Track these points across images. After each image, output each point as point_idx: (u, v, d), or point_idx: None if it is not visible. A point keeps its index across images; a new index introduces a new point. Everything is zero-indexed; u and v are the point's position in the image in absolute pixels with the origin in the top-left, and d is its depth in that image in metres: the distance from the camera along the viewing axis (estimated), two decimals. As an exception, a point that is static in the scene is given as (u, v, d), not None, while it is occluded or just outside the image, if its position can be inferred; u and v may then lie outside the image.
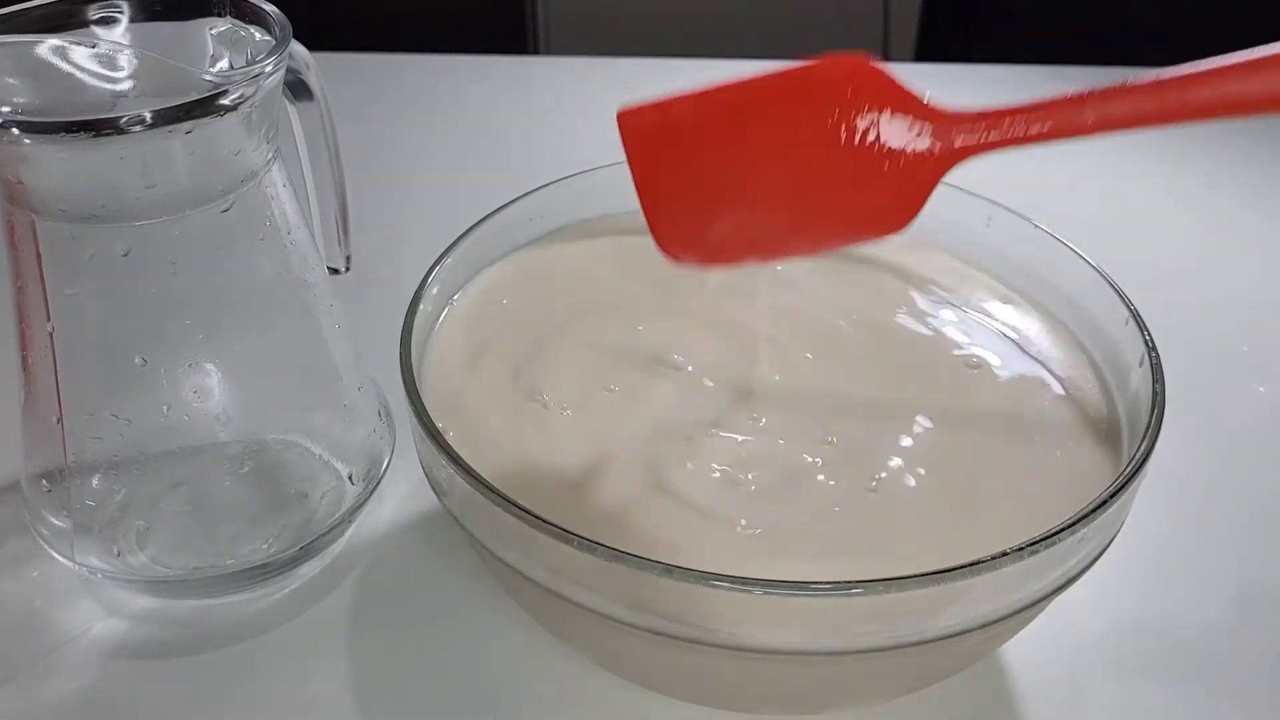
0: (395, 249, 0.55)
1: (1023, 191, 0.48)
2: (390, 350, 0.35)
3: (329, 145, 0.39)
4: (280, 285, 0.37)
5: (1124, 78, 0.31)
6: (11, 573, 0.40)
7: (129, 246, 0.33)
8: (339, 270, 0.42)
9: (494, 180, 0.58)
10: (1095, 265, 0.38)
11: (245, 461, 0.38)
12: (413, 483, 0.43)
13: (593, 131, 0.72)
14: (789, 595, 0.28)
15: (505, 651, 0.38)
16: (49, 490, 0.37)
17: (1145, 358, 0.35)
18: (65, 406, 0.35)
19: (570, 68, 0.83)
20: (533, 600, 0.33)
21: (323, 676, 0.37)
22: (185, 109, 0.30)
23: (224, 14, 0.34)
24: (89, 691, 0.36)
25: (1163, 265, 0.59)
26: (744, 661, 0.29)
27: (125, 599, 0.39)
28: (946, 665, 0.33)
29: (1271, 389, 0.50)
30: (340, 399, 0.39)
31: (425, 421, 0.32)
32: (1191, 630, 0.39)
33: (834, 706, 0.35)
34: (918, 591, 0.28)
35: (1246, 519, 0.44)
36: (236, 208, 0.34)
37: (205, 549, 0.38)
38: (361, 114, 0.72)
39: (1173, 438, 0.34)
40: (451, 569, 0.40)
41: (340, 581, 0.40)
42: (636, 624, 0.29)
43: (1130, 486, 0.30)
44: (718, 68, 0.37)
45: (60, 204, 0.32)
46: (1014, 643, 0.36)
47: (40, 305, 0.34)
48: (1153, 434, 0.32)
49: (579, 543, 0.28)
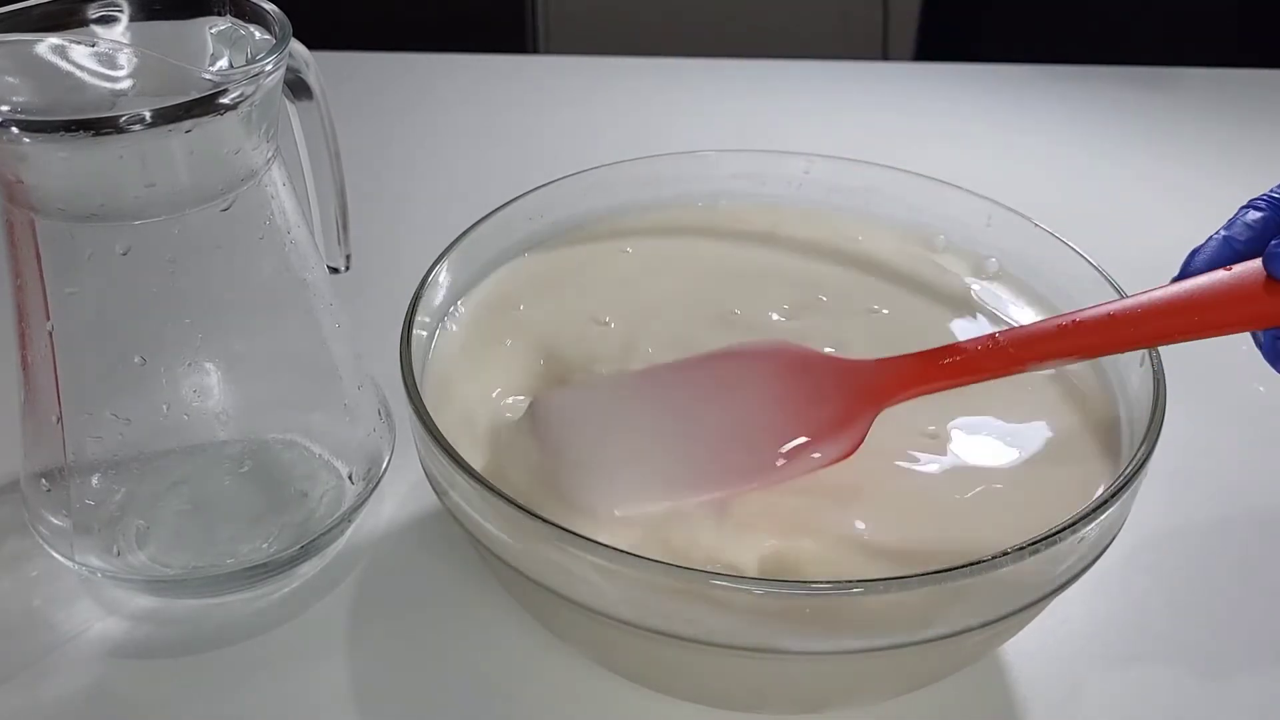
0: (395, 248, 0.55)
1: (1023, 191, 0.48)
2: (390, 349, 0.35)
3: (329, 144, 0.39)
4: (280, 284, 0.37)
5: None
6: (11, 572, 0.40)
7: (128, 245, 0.33)
8: (339, 269, 0.42)
9: (494, 179, 0.58)
10: (1095, 264, 0.38)
11: (245, 461, 0.38)
12: (412, 482, 0.43)
13: (592, 131, 0.72)
14: (789, 595, 0.28)
15: (505, 651, 0.38)
16: (48, 489, 0.37)
17: (1145, 357, 0.35)
18: (65, 406, 0.35)
19: (570, 67, 0.83)
20: (532, 600, 0.33)
21: (322, 675, 0.37)
22: (185, 108, 0.30)
23: (224, 13, 0.34)
24: (88, 691, 0.36)
25: (1163, 265, 0.59)
26: (744, 661, 0.29)
27: (125, 598, 0.39)
28: (946, 665, 0.33)
29: (1271, 389, 0.50)
30: (340, 398, 0.39)
31: (425, 420, 0.32)
32: (1191, 630, 0.39)
33: (834, 706, 0.35)
34: (918, 591, 0.28)
35: (1246, 519, 0.44)
36: (236, 207, 0.34)
37: (205, 548, 0.38)
38: (361, 113, 0.72)
39: (1173, 438, 0.34)
40: (451, 568, 0.40)
41: (340, 581, 0.40)
42: (636, 624, 0.29)
43: (1130, 486, 0.30)
44: (718, 67, 0.37)
45: (60, 203, 0.32)
46: (1014, 643, 0.36)
47: (40, 304, 0.34)
48: (1153, 434, 0.32)
49: (580, 543, 0.28)
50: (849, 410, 0.33)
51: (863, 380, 0.34)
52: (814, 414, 0.33)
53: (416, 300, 0.37)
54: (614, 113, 0.74)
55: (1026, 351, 0.33)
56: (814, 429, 0.33)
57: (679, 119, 0.73)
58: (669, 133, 0.71)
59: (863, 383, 0.34)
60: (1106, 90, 0.78)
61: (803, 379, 0.34)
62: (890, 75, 0.87)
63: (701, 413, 0.34)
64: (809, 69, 0.82)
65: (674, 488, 0.32)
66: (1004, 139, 0.72)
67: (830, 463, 0.32)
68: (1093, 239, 0.41)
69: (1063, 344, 0.33)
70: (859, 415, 0.33)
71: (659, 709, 0.35)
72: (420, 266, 0.38)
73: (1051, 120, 0.74)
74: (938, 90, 0.78)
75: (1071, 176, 0.67)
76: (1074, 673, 0.37)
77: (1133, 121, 0.74)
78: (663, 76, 0.80)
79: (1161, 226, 0.63)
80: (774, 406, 0.33)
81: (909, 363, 0.34)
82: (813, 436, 0.32)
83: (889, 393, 0.33)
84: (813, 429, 0.33)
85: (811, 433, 0.33)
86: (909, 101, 0.77)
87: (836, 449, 0.32)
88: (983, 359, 0.33)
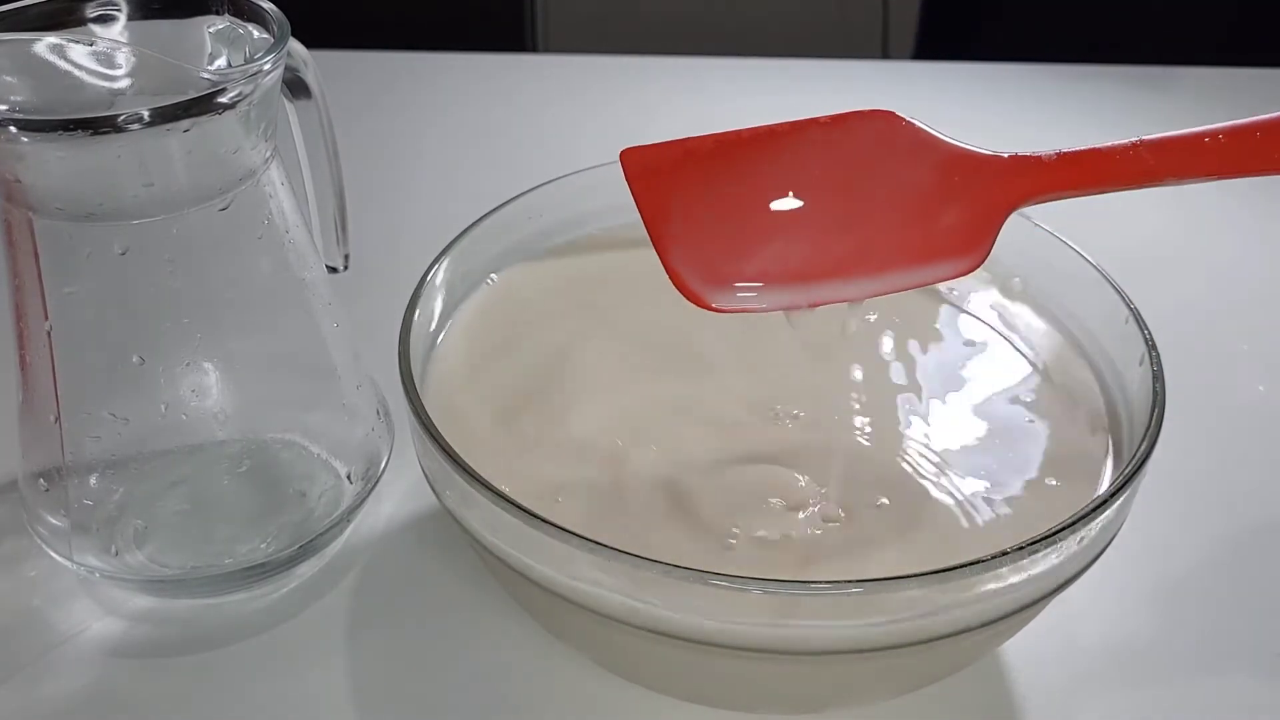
0: (394, 247, 0.55)
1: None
2: (389, 349, 0.35)
3: (327, 143, 0.39)
4: (279, 284, 0.37)
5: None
6: (9, 572, 0.40)
7: (127, 245, 0.33)
8: (337, 269, 0.42)
9: (493, 178, 0.58)
10: (1095, 264, 0.38)
11: (243, 460, 0.38)
12: (411, 482, 0.43)
13: (592, 129, 0.72)
14: (788, 595, 0.28)
15: (504, 651, 0.37)
16: (47, 489, 0.37)
17: (1145, 357, 0.35)
18: (63, 405, 0.35)
19: (569, 66, 0.83)
20: (532, 600, 0.33)
21: (321, 676, 0.37)
22: (183, 107, 0.30)
23: (222, 12, 0.34)
24: (86, 691, 0.36)
25: (1163, 264, 0.59)
26: (744, 661, 0.29)
27: (123, 598, 0.39)
28: (946, 665, 0.33)
29: (1272, 389, 0.50)
30: (339, 398, 0.39)
31: (424, 420, 0.32)
32: (1191, 631, 0.39)
33: (834, 706, 0.35)
34: (918, 591, 0.28)
35: (1246, 519, 0.44)
36: (235, 206, 0.34)
37: (203, 548, 0.38)
38: (360, 112, 0.72)
39: (1173, 438, 0.34)
40: (450, 568, 0.40)
41: (338, 581, 0.40)
42: (636, 624, 0.29)
43: (1130, 487, 0.30)
44: (718, 66, 0.37)
45: (58, 202, 0.32)
46: (1014, 643, 0.36)
47: (38, 304, 0.34)
48: (1153, 434, 0.32)
49: (579, 542, 0.28)
50: (976, 211, 0.30)
51: (991, 176, 0.31)
52: (938, 214, 0.30)
53: (415, 299, 0.36)
54: (614, 111, 0.74)
55: (1165, 162, 0.31)
56: (939, 233, 0.30)
57: (679, 118, 0.73)
58: (669, 131, 0.70)
59: (991, 179, 0.31)
60: (1106, 90, 0.78)
61: (926, 166, 0.31)
62: (890, 75, 0.87)
63: (811, 200, 0.31)
64: (809, 68, 0.82)
65: (779, 290, 0.30)
66: (1004, 138, 0.71)
67: (958, 274, 0.30)
68: (1093, 239, 0.41)
69: (1204, 159, 0.31)
70: (988, 219, 0.30)
71: (658, 709, 0.35)
72: (419, 266, 0.38)
73: (1051, 120, 0.74)
74: (937, 89, 0.78)
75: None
76: (1073, 673, 0.37)
77: (1133, 121, 0.74)
78: (662, 75, 0.80)
79: (1161, 226, 0.63)
80: (893, 198, 0.31)
81: (1043, 162, 0.32)
82: (937, 242, 0.30)
83: (1021, 193, 0.31)
84: (937, 232, 0.30)
85: (936, 237, 0.30)
86: (909, 101, 0.77)
87: (965, 263, 0.30)
88: (1120, 164, 0.31)
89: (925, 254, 0.30)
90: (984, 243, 0.30)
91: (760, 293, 0.30)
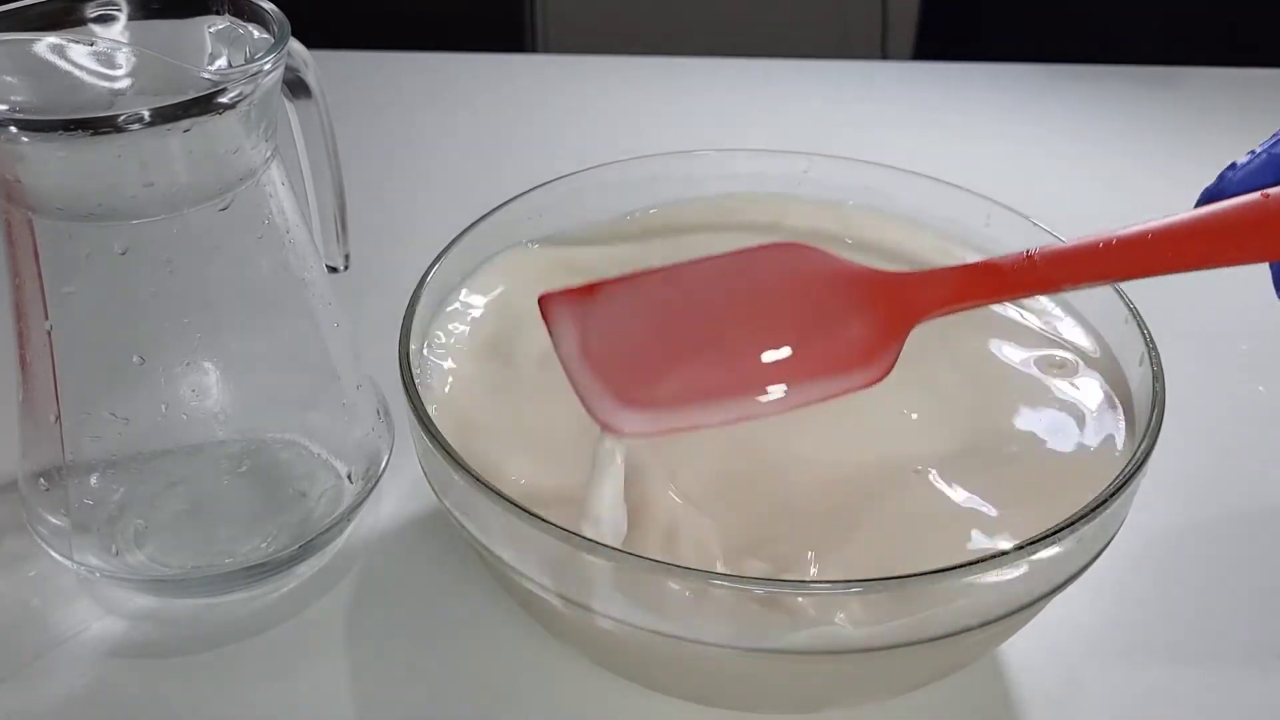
0: (394, 247, 0.55)
1: (1022, 190, 0.48)
2: (389, 348, 0.35)
3: (327, 143, 0.39)
4: (279, 284, 0.37)
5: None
6: (9, 572, 0.40)
7: (127, 245, 0.33)
8: (338, 269, 0.42)
9: (493, 178, 0.58)
10: (1095, 264, 0.38)
11: (243, 460, 0.38)
12: (411, 481, 0.43)
13: (591, 130, 0.72)
14: (788, 594, 0.28)
15: (504, 650, 0.37)
16: (47, 489, 0.37)
17: (1145, 357, 0.35)
18: (63, 405, 0.35)
19: (569, 66, 0.83)
20: (531, 599, 0.33)
21: (321, 675, 0.37)
22: (183, 107, 0.30)
23: (222, 12, 0.34)
24: (87, 690, 0.36)
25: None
26: (744, 661, 0.29)
27: (123, 598, 0.39)
28: (946, 665, 0.33)
29: (1271, 388, 0.50)
30: (339, 398, 0.39)
31: (424, 420, 0.32)
32: (1191, 630, 0.39)
33: (834, 706, 0.35)
34: (917, 591, 0.28)
35: (1246, 519, 0.44)
36: (235, 206, 0.34)
37: (203, 548, 0.38)
38: (360, 112, 0.72)
39: (1173, 438, 0.34)
40: (450, 568, 0.40)
41: (339, 580, 0.40)
42: (636, 623, 0.29)
43: (1129, 486, 0.30)
44: (717, 66, 0.37)
45: (58, 202, 0.32)
46: (1014, 643, 0.36)
47: (38, 304, 0.34)
48: (1153, 434, 0.32)
49: (578, 542, 0.28)
50: (881, 326, 0.31)
51: (895, 293, 0.32)
52: (845, 330, 0.31)
53: (415, 299, 0.36)
54: (613, 112, 0.74)
55: (1060, 272, 0.32)
56: (846, 347, 0.31)
57: (678, 118, 0.73)
58: (668, 132, 0.71)
59: (895, 296, 0.32)
60: (1106, 89, 0.78)
61: (832, 288, 0.32)
62: (889, 75, 0.87)
63: (722, 325, 0.31)
64: (808, 68, 0.82)
65: (689, 411, 0.30)
66: (1003, 138, 0.72)
67: (863, 386, 0.31)
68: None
69: (1097, 265, 0.31)
70: (892, 333, 0.31)
71: (658, 709, 0.35)
72: (419, 266, 0.38)
73: (1050, 119, 0.74)
74: (936, 90, 0.78)
75: (1070, 176, 0.67)
76: (1074, 673, 0.37)
77: (1132, 121, 0.74)
78: (661, 75, 0.80)
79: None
80: (801, 318, 0.31)
81: (944, 277, 0.32)
82: (844, 356, 0.31)
83: (923, 308, 0.32)
84: (844, 347, 0.31)
85: (843, 351, 0.31)
86: (908, 101, 0.77)
87: (868, 374, 0.31)
88: (1017, 276, 0.32)
89: (833, 368, 0.31)
90: (888, 355, 0.31)
91: (675, 413, 0.30)
